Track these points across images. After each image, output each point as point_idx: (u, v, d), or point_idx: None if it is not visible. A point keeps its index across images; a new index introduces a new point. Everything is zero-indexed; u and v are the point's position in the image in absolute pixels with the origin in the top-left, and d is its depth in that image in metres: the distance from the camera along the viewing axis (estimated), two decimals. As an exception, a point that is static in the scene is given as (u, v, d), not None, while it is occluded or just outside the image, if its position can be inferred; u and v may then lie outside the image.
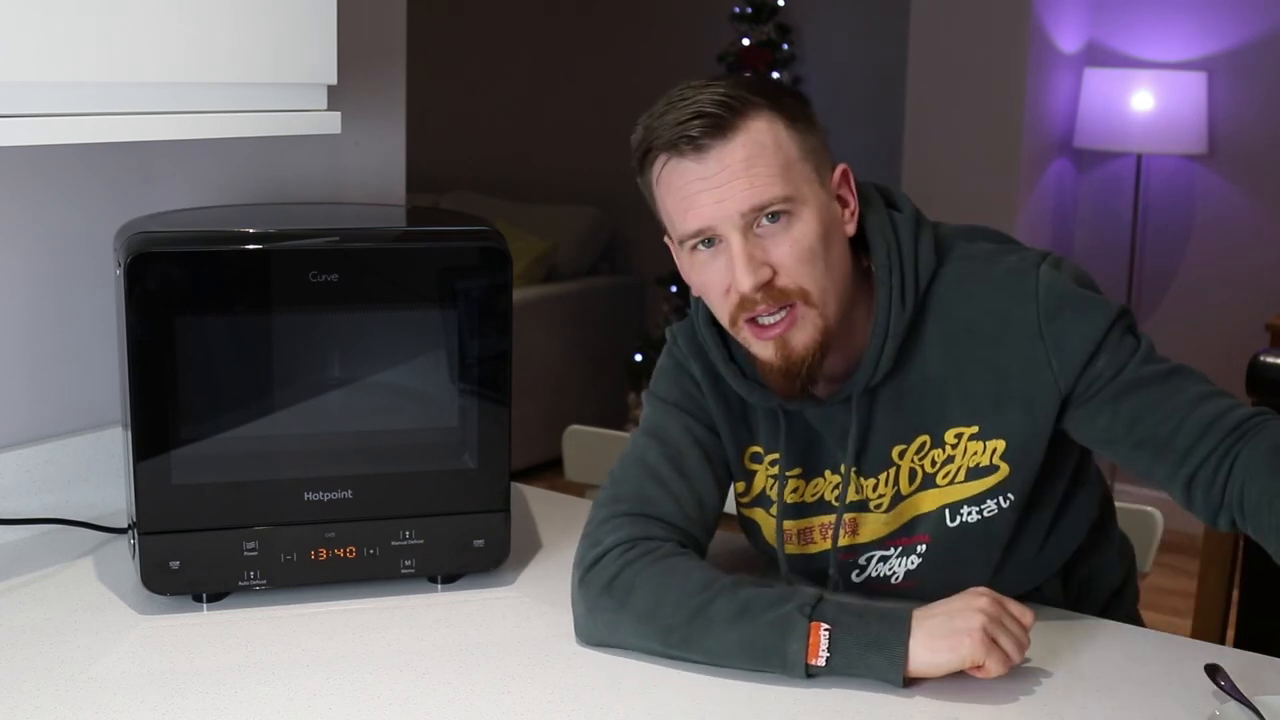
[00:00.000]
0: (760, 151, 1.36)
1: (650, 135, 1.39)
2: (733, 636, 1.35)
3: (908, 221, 1.46)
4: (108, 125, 1.44)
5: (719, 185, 1.36)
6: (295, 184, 1.97)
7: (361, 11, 1.94)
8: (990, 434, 1.43)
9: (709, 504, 1.52)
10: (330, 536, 1.56)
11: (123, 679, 1.36)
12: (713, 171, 1.36)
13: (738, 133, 1.35)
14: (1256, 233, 4.40)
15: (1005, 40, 4.32)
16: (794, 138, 1.38)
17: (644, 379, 5.11)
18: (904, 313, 1.42)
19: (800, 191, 1.37)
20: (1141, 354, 1.40)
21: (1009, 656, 1.31)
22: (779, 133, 1.37)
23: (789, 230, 1.37)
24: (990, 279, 1.43)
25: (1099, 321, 1.40)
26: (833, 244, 1.40)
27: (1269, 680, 1.38)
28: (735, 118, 1.35)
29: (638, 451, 1.53)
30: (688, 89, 1.39)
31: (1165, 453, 1.38)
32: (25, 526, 1.70)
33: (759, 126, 1.36)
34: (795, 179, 1.37)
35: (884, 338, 1.42)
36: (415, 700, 1.33)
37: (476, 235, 1.60)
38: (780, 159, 1.36)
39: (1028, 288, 1.41)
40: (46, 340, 1.76)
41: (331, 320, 1.57)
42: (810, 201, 1.38)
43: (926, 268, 1.44)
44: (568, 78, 5.76)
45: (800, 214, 1.37)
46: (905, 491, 1.47)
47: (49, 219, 1.74)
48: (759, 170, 1.35)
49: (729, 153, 1.35)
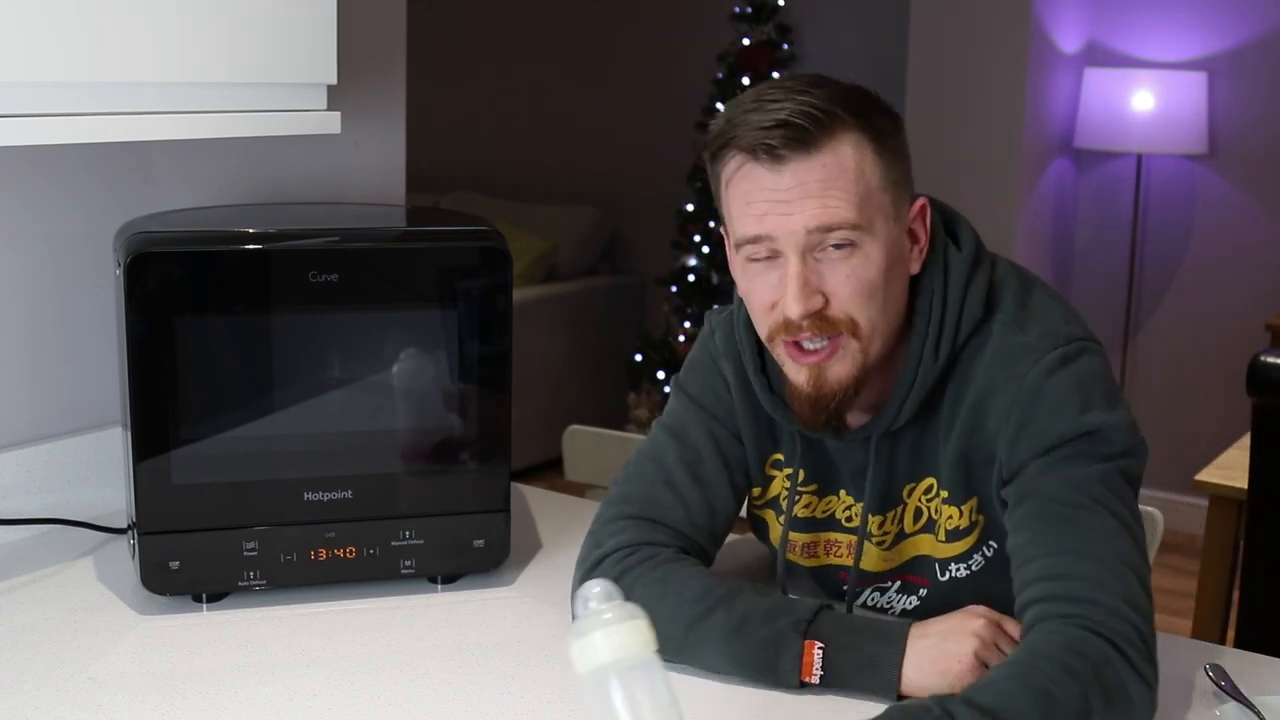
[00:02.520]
0: (840, 174, 1.29)
1: (730, 130, 1.32)
2: (728, 651, 1.34)
3: (962, 265, 1.38)
4: (107, 125, 1.44)
5: (790, 200, 1.29)
6: (295, 184, 1.97)
7: (361, 11, 1.94)
8: (961, 498, 1.39)
9: (721, 512, 1.49)
10: (330, 536, 1.56)
11: (123, 679, 1.36)
12: (787, 185, 1.29)
13: (821, 151, 1.29)
14: (1256, 233, 4.40)
15: (1005, 40, 4.32)
16: (879, 165, 1.31)
17: (644, 379, 5.11)
18: (935, 365, 1.36)
19: (871, 223, 1.30)
20: (1078, 482, 1.30)
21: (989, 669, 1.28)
22: (864, 157, 1.30)
23: (849, 260, 1.30)
24: (1004, 349, 1.36)
25: (1061, 430, 1.31)
26: (893, 281, 1.34)
27: (1269, 680, 1.38)
28: (821, 134, 1.28)
29: (656, 449, 1.51)
30: (780, 89, 1.32)
31: (1015, 574, 1.32)
32: (25, 526, 1.70)
33: (844, 148, 1.29)
34: (870, 210, 1.30)
35: (909, 387, 1.37)
36: (415, 700, 1.33)
37: (476, 235, 1.60)
38: (859, 186, 1.29)
39: (1021, 368, 1.33)
40: (46, 340, 1.76)
41: (331, 320, 1.56)
42: (879, 235, 1.31)
43: (969, 322, 1.37)
44: (568, 78, 5.76)
45: (865, 246, 1.30)
46: (908, 530, 1.45)
47: (49, 219, 1.74)
48: (835, 193, 1.28)
49: (808, 170, 1.29)
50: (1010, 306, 1.38)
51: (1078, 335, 1.36)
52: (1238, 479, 2.32)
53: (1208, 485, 2.46)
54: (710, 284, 4.99)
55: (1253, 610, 2.16)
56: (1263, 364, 2.06)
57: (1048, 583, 1.27)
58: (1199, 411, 4.47)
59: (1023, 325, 1.37)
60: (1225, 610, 2.52)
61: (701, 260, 5.00)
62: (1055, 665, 1.20)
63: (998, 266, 1.42)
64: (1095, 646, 1.21)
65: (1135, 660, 1.21)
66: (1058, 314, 1.38)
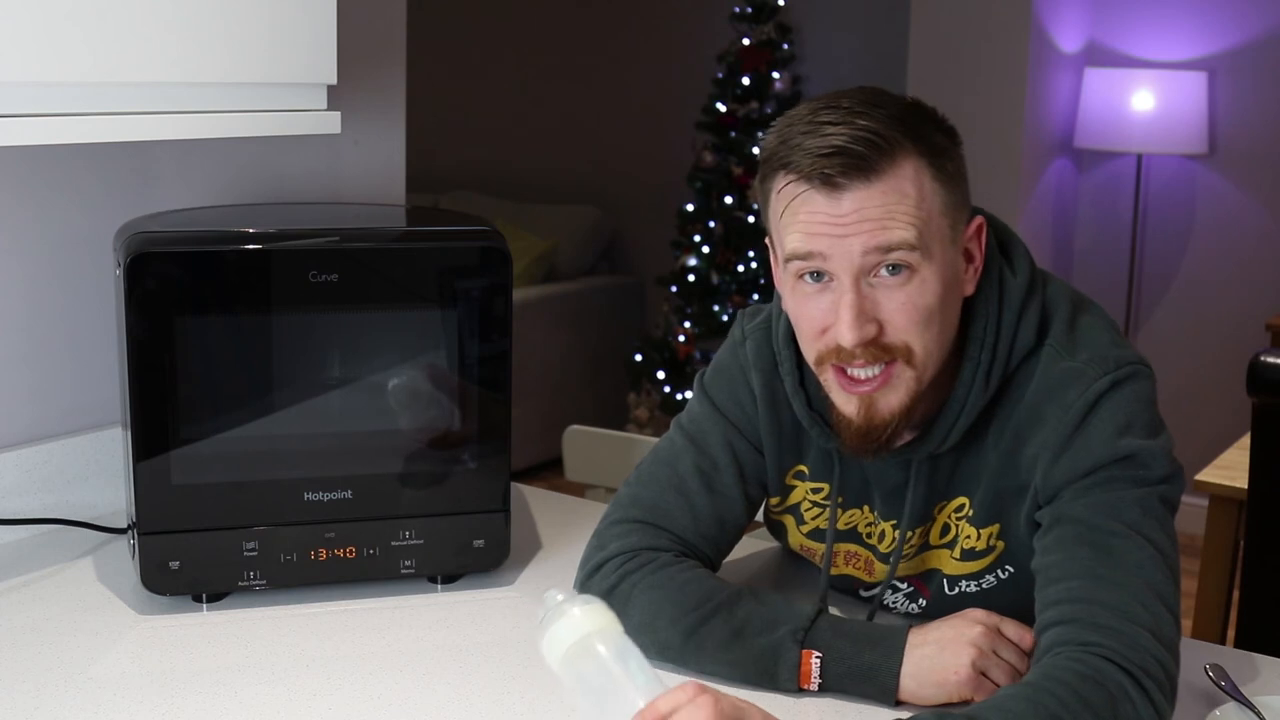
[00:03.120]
0: (901, 200, 1.25)
1: (784, 153, 1.27)
2: (727, 659, 1.33)
3: (1017, 291, 1.34)
4: (107, 125, 1.44)
5: (848, 224, 1.25)
6: (295, 184, 1.97)
7: (361, 11, 1.94)
8: (983, 522, 1.38)
9: (731, 524, 1.48)
10: (330, 536, 1.55)
11: (122, 679, 1.36)
12: (845, 211, 1.25)
13: (881, 178, 1.24)
14: (1256, 233, 4.40)
15: (1005, 40, 4.32)
16: (939, 189, 1.27)
17: (644, 379, 5.11)
18: (985, 393, 1.33)
19: (929, 248, 1.26)
20: (1114, 507, 1.27)
21: (997, 686, 1.27)
22: (924, 182, 1.26)
23: (906, 286, 1.26)
24: (1053, 374, 1.32)
25: (1099, 454, 1.28)
26: (949, 305, 1.30)
27: (1269, 680, 1.38)
28: (881, 160, 1.24)
29: (672, 453, 1.48)
30: (836, 109, 1.27)
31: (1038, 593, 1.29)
32: (25, 526, 1.70)
33: (905, 173, 1.25)
34: (929, 235, 1.26)
35: (958, 414, 1.34)
36: (415, 700, 1.33)
37: (476, 235, 1.60)
38: (920, 211, 1.25)
39: (1070, 396, 1.30)
40: (46, 340, 1.76)
41: (331, 320, 1.56)
42: (936, 260, 1.27)
43: (1021, 349, 1.34)
44: (568, 78, 5.76)
45: (922, 271, 1.26)
46: (933, 543, 1.43)
47: (49, 219, 1.74)
48: (897, 217, 1.24)
49: (868, 196, 1.24)
50: (1060, 330, 1.35)
51: (1129, 360, 1.32)
52: (1238, 479, 2.32)
53: (1208, 485, 2.46)
54: (710, 284, 4.99)
55: (1253, 610, 2.15)
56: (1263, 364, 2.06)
57: (1071, 605, 1.23)
58: (1199, 411, 4.47)
59: (1071, 350, 1.33)
60: (1225, 610, 2.52)
61: (701, 260, 5.00)
62: (1070, 692, 1.16)
63: (1049, 288, 1.38)
64: (1113, 678, 1.17)
65: (1154, 695, 1.18)
66: (1106, 337, 1.35)
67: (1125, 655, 1.19)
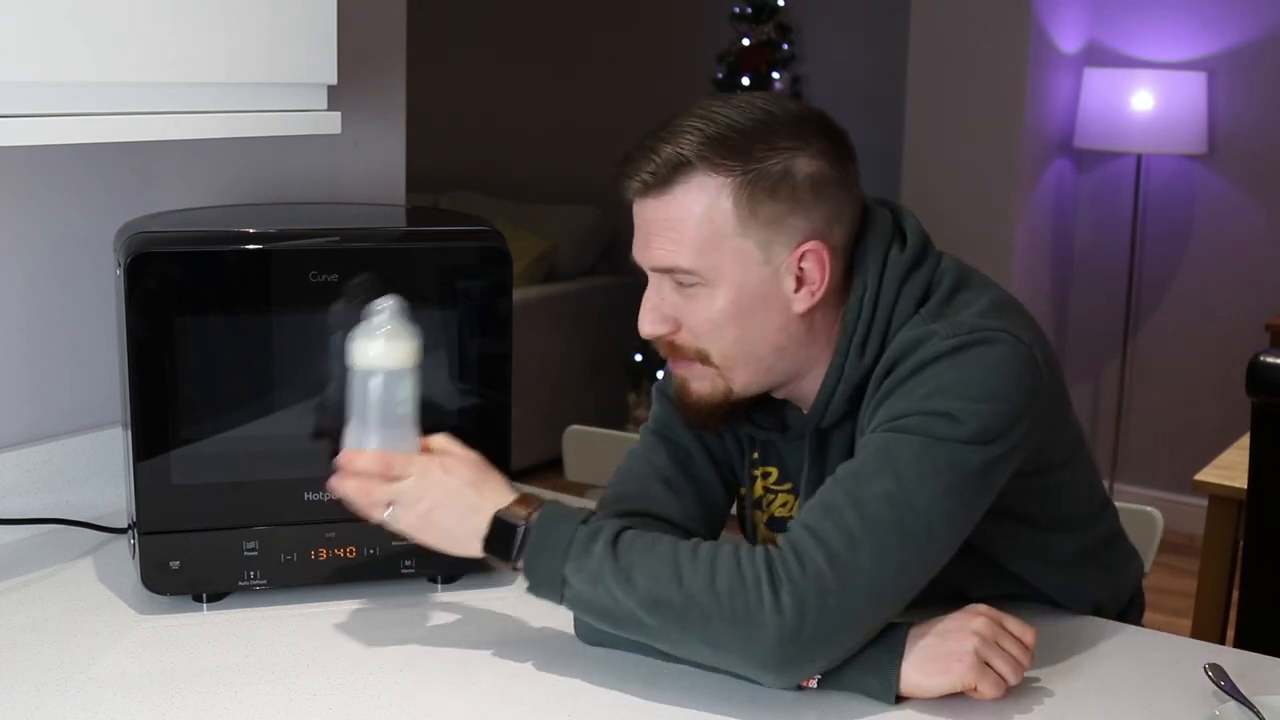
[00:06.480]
0: (684, 218, 1.33)
1: (625, 157, 1.38)
2: None
3: (901, 263, 1.39)
4: (107, 125, 1.44)
5: (644, 234, 1.37)
6: (295, 184, 1.98)
7: (361, 11, 1.94)
8: None
9: (714, 506, 1.53)
10: (330, 536, 1.56)
11: (123, 679, 1.36)
12: (645, 219, 1.37)
13: (670, 193, 1.33)
14: (1256, 233, 4.40)
15: (1005, 40, 4.32)
16: (738, 211, 1.32)
17: (644, 379, 5.11)
18: (861, 362, 1.37)
19: (718, 268, 1.33)
20: (884, 448, 1.29)
21: (1004, 679, 1.29)
22: (719, 203, 1.32)
23: (695, 298, 1.36)
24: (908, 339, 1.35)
25: (903, 408, 1.31)
26: (757, 319, 1.36)
27: (1269, 680, 1.38)
28: (674, 176, 1.32)
29: (645, 450, 1.53)
30: (680, 118, 1.35)
31: None
32: (25, 526, 1.70)
33: (693, 194, 1.32)
34: (717, 255, 1.33)
35: (836, 383, 1.39)
36: (415, 700, 1.33)
37: (476, 235, 1.60)
38: (704, 231, 1.32)
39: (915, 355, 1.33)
40: (46, 340, 1.76)
41: (331, 320, 1.56)
42: (729, 279, 1.34)
43: (900, 320, 1.37)
44: (568, 77, 5.76)
45: (711, 287, 1.35)
46: None
47: (49, 219, 1.74)
48: (672, 235, 1.34)
49: (657, 208, 1.35)
50: (935, 302, 1.38)
51: (986, 327, 1.33)
52: (1238, 479, 2.32)
53: (1208, 485, 2.46)
54: (710, 284, 4.99)
55: (1252, 610, 2.15)
56: (1263, 364, 2.06)
57: (793, 525, 1.29)
58: (1199, 411, 4.47)
59: (937, 318, 1.36)
60: (1225, 610, 2.52)
61: (701, 260, 5.00)
62: (708, 562, 1.26)
63: (940, 264, 1.41)
64: (752, 570, 1.25)
65: (785, 597, 1.23)
66: (978, 308, 1.36)
67: (780, 553, 1.26)
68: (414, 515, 1.35)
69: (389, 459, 1.35)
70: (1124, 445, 4.67)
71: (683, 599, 1.25)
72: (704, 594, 1.25)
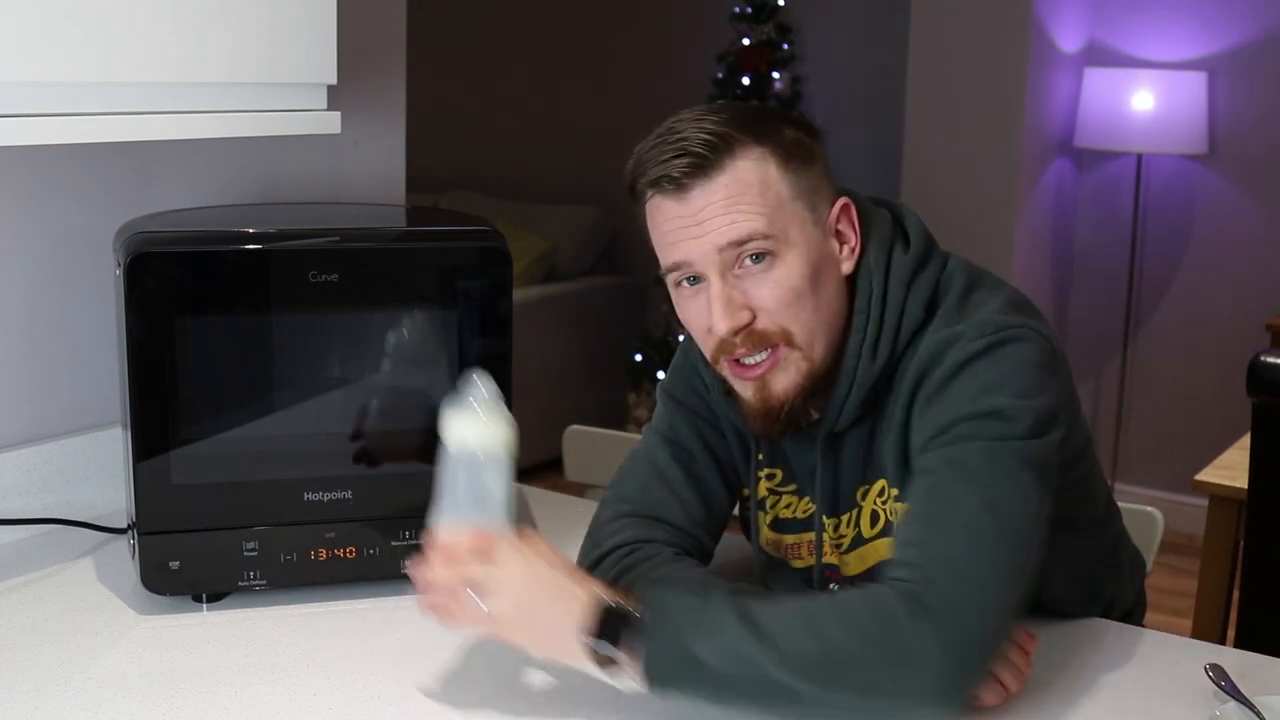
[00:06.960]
0: (744, 190, 1.31)
1: (638, 169, 1.36)
2: None
3: (906, 264, 1.38)
4: (107, 125, 1.44)
5: (699, 223, 1.32)
6: (295, 184, 1.97)
7: (361, 11, 1.94)
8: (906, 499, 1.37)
9: (717, 508, 1.51)
10: (330, 536, 1.56)
11: (122, 679, 1.36)
12: (694, 210, 1.32)
13: (721, 172, 1.31)
14: (1256, 233, 4.40)
15: (1005, 40, 4.32)
16: (786, 176, 1.33)
17: (644, 379, 5.11)
18: (873, 365, 1.37)
19: (786, 233, 1.32)
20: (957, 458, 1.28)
21: (1004, 687, 1.29)
22: (768, 171, 1.32)
23: (771, 272, 1.32)
24: (935, 342, 1.35)
25: (957, 411, 1.30)
26: (823, 284, 1.35)
27: (1269, 680, 1.38)
28: (719, 157, 1.31)
29: (648, 450, 1.53)
30: (680, 121, 1.35)
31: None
32: (25, 526, 1.70)
33: (745, 165, 1.32)
34: (783, 219, 1.32)
35: (849, 387, 1.38)
36: (415, 700, 1.33)
37: (476, 235, 1.60)
38: (767, 199, 1.32)
39: (947, 359, 1.32)
40: (46, 340, 1.76)
41: (331, 320, 1.56)
42: (797, 244, 1.33)
43: (911, 322, 1.37)
44: (568, 78, 5.76)
45: (784, 255, 1.32)
46: (866, 535, 1.44)
47: (49, 219, 1.74)
48: (741, 208, 1.31)
49: (711, 192, 1.31)
50: (950, 304, 1.38)
51: (1011, 324, 1.33)
52: (1238, 479, 2.32)
53: (1208, 485, 2.46)
54: (710, 284, 4.99)
55: (1253, 610, 2.15)
56: (1263, 364, 2.06)
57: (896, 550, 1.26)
58: (1199, 411, 4.47)
59: (957, 319, 1.36)
60: (1225, 610, 2.52)
61: (701, 260, 5.00)
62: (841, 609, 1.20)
63: (947, 265, 1.41)
64: (887, 604, 1.19)
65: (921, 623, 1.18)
66: (995, 306, 1.36)
67: (908, 585, 1.20)
68: (509, 603, 1.25)
69: (489, 538, 1.27)
70: (1124, 445, 4.67)
71: (828, 651, 1.18)
72: (848, 640, 1.18)
